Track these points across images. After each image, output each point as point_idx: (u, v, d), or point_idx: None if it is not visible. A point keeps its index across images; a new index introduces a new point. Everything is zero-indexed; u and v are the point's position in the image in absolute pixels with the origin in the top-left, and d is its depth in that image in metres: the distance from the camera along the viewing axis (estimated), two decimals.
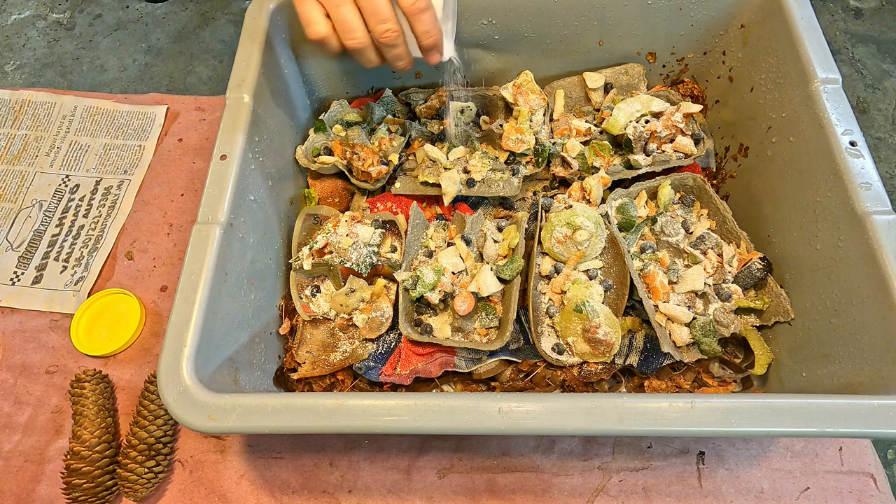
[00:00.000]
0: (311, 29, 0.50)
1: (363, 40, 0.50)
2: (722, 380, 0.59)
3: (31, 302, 0.70)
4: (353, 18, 0.49)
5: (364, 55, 0.52)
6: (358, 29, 0.50)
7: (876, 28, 1.70)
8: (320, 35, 0.50)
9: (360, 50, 0.51)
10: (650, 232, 0.63)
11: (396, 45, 0.51)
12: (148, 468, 0.57)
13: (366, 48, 0.51)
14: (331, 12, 0.50)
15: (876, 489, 0.58)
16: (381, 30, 0.50)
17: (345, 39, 0.50)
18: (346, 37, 0.50)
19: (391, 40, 0.50)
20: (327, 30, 0.50)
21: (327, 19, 0.50)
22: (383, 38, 0.50)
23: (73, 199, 0.77)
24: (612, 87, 0.72)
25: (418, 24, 0.50)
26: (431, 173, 0.67)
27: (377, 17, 0.49)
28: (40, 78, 1.60)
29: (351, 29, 0.50)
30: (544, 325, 0.59)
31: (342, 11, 0.49)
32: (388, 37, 0.50)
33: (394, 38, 0.50)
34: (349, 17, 0.49)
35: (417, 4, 0.49)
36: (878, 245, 0.47)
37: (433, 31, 0.51)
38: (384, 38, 0.50)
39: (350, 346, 0.59)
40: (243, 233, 0.54)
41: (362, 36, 0.50)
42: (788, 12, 0.59)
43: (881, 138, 1.53)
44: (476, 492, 0.59)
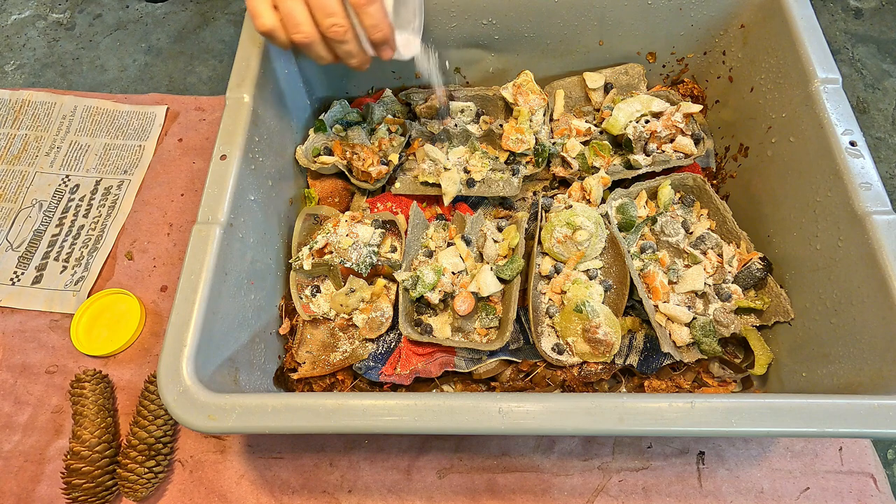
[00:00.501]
0: (258, 22, 0.49)
1: (310, 35, 0.49)
2: (722, 380, 0.59)
3: (31, 302, 0.70)
4: (299, 12, 0.48)
5: (313, 50, 0.50)
6: (304, 23, 0.48)
7: (876, 28, 1.70)
8: (266, 28, 0.49)
9: (307, 45, 0.49)
10: (650, 232, 0.63)
11: (345, 41, 0.49)
12: (148, 468, 0.57)
13: (314, 43, 0.49)
14: (278, 5, 0.48)
15: (876, 489, 0.58)
16: (327, 24, 0.48)
17: (291, 33, 0.49)
18: (292, 31, 0.48)
19: (339, 35, 0.48)
20: (274, 23, 0.49)
21: (275, 12, 0.48)
22: (330, 33, 0.48)
23: (73, 199, 0.77)
24: (612, 87, 0.72)
25: (364, 18, 0.48)
26: (431, 173, 0.67)
27: (323, 11, 0.47)
28: (40, 78, 1.60)
29: (297, 23, 0.48)
30: (544, 325, 0.59)
31: (289, 4, 0.48)
32: (334, 31, 0.48)
33: (342, 33, 0.48)
34: (296, 11, 0.48)
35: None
36: (878, 245, 0.47)
37: (381, 26, 0.49)
38: (331, 32, 0.48)
39: (350, 346, 0.59)
40: (243, 233, 0.54)
41: (309, 30, 0.48)
42: (788, 12, 0.59)
43: (881, 138, 1.53)
44: (476, 492, 0.59)
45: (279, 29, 0.49)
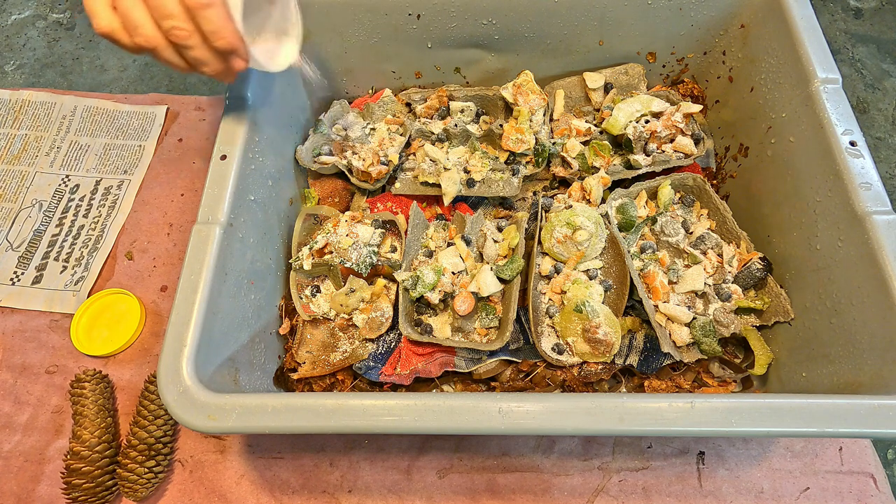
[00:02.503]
0: (94, 22, 0.44)
1: (152, 38, 0.43)
2: (722, 380, 0.59)
3: (31, 302, 0.70)
4: (138, 13, 0.42)
5: (161, 56, 0.45)
6: (144, 25, 0.43)
7: (876, 28, 1.69)
8: (103, 30, 0.43)
9: (152, 50, 0.44)
10: (650, 232, 0.63)
11: (190, 46, 0.44)
12: (148, 468, 0.57)
13: (159, 48, 0.44)
14: (116, 5, 0.43)
15: (876, 489, 0.58)
16: (166, 27, 0.42)
17: (132, 37, 0.43)
18: (132, 34, 0.43)
19: (181, 39, 0.43)
20: (113, 24, 0.43)
21: (115, 12, 0.43)
22: (172, 37, 0.43)
23: (73, 199, 0.77)
24: (612, 87, 0.72)
25: (202, 22, 0.43)
26: (431, 173, 0.67)
27: (160, 11, 0.42)
28: (40, 78, 1.60)
29: (136, 25, 0.43)
30: (544, 325, 0.59)
31: (125, 4, 0.42)
32: (176, 35, 0.43)
33: (184, 37, 0.43)
34: (134, 12, 0.42)
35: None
36: (878, 245, 0.47)
37: (223, 32, 0.43)
38: (172, 36, 0.43)
39: (350, 346, 0.59)
40: (243, 233, 0.54)
41: (150, 33, 0.43)
42: (788, 12, 0.59)
43: (881, 138, 1.53)
44: (476, 492, 0.59)
45: (119, 31, 0.44)
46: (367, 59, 0.72)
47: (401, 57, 0.72)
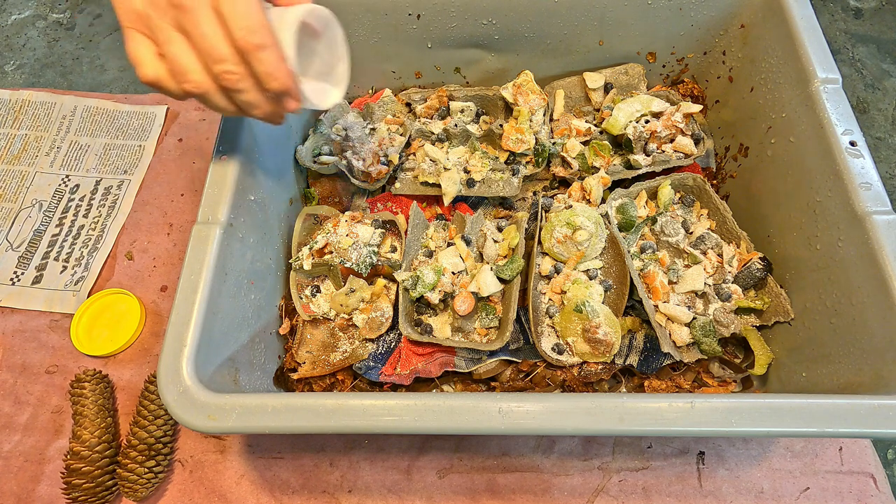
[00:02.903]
0: (140, 71, 0.42)
1: (202, 84, 0.41)
2: (722, 380, 0.59)
3: (31, 302, 0.70)
4: (186, 58, 0.41)
5: (210, 101, 0.43)
6: (194, 70, 0.41)
7: (876, 28, 1.70)
8: (150, 78, 0.42)
9: (201, 95, 0.42)
10: (650, 232, 0.63)
11: (242, 90, 0.42)
12: (148, 468, 0.57)
13: (208, 93, 0.42)
14: (162, 51, 0.41)
15: (876, 489, 0.58)
16: (218, 71, 0.41)
17: (180, 83, 0.42)
18: (180, 80, 0.41)
19: (232, 83, 0.41)
20: (159, 72, 0.42)
21: (160, 59, 0.42)
22: (223, 81, 0.41)
23: (73, 199, 0.77)
24: (612, 87, 0.72)
25: (256, 65, 0.41)
26: (431, 173, 0.67)
27: (212, 56, 0.40)
28: (40, 78, 1.60)
29: (185, 71, 0.41)
30: (544, 325, 0.59)
31: (173, 50, 0.41)
32: (227, 79, 0.41)
33: (235, 80, 0.41)
34: (182, 57, 0.41)
35: (250, 39, 0.40)
36: (878, 245, 0.47)
37: (277, 74, 0.42)
38: (224, 80, 0.41)
39: (350, 346, 0.59)
40: (243, 233, 0.54)
41: (200, 79, 0.41)
42: (788, 12, 0.59)
43: (881, 138, 1.53)
44: (476, 492, 0.59)
45: (167, 79, 0.42)
46: (367, 59, 0.72)
47: (401, 57, 0.72)
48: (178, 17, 0.40)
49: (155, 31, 0.41)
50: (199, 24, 0.40)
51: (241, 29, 0.40)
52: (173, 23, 0.40)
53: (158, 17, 0.40)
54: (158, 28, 0.41)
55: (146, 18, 0.41)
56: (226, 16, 0.40)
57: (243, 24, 0.40)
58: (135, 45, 0.42)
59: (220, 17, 0.40)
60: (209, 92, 0.42)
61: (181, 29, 0.40)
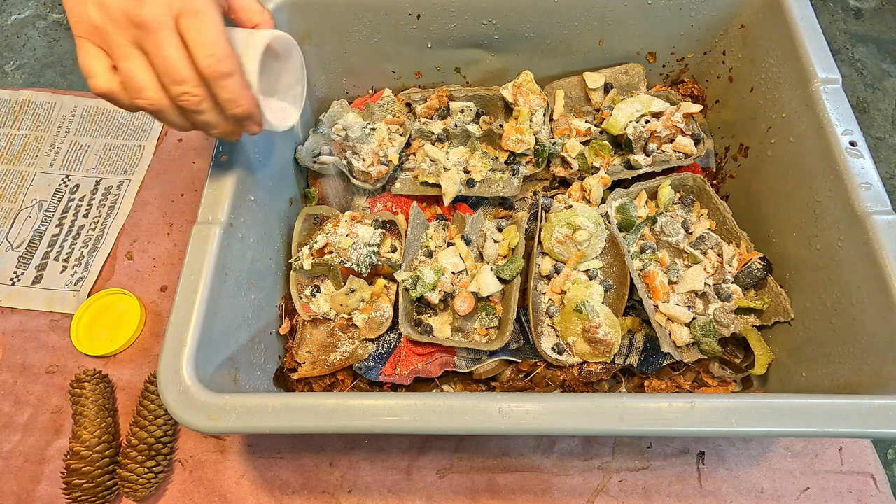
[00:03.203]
0: (92, 83, 0.41)
1: (156, 101, 0.41)
2: (722, 380, 0.59)
3: (31, 302, 0.70)
4: (141, 75, 0.40)
5: (164, 117, 0.43)
6: (149, 88, 0.40)
7: (876, 28, 1.70)
8: (102, 90, 0.41)
9: (155, 112, 0.42)
10: (650, 232, 0.63)
11: (201, 112, 0.42)
12: (148, 468, 0.57)
13: (163, 110, 0.42)
14: (116, 64, 0.41)
15: (876, 489, 0.58)
16: (176, 92, 0.40)
17: (133, 98, 0.41)
18: (133, 95, 0.41)
19: (192, 105, 0.41)
20: (112, 85, 0.41)
21: (112, 73, 0.41)
22: (182, 103, 0.41)
23: (73, 199, 0.77)
24: (612, 87, 0.72)
25: (220, 91, 0.41)
26: (431, 173, 0.67)
27: (171, 77, 0.40)
28: (40, 78, 1.60)
29: (139, 88, 0.40)
30: (544, 325, 0.59)
31: (128, 66, 0.40)
32: (186, 101, 0.41)
33: (195, 103, 0.41)
34: (136, 74, 0.40)
35: (216, 68, 0.40)
36: (878, 245, 0.47)
37: (240, 100, 0.42)
38: (182, 102, 0.41)
39: (350, 346, 0.59)
40: (243, 233, 0.54)
41: (155, 95, 0.41)
42: (788, 12, 0.59)
43: (881, 138, 1.53)
44: (476, 492, 0.59)
45: (119, 92, 0.41)
46: (367, 59, 0.72)
47: (401, 57, 0.72)
48: (138, 35, 0.39)
49: (111, 45, 0.40)
50: (161, 46, 0.39)
51: (207, 57, 0.40)
52: (132, 40, 0.40)
53: (116, 32, 0.40)
54: (115, 43, 0.40)
55: (102, 32, 0.40)
56: (190, 42, 0.40)
57: (209, 52, 0.40)
58: (87, 56, 0.41)
59: (183, 41, 0.40)
60: (164, 109, 0.42)
61: (140, 47, 0.40)
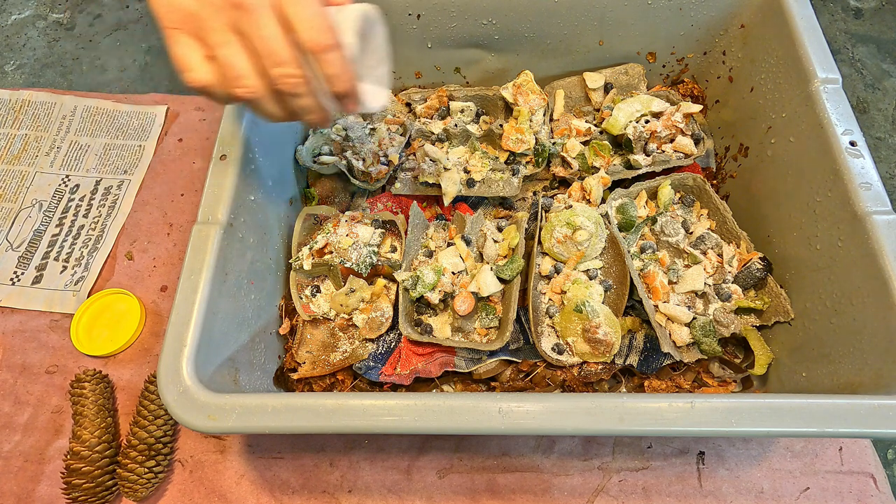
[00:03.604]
0: (189, 76, 0.39)
1: (256, 88, 0.39)
2: (722, 380, 0.59)
3: (31, 302, 0.70)
4: (240, 62, 0.38)
5: (261, 107, 0.41)
6: (248, 75, 0.39)
7: (876, 28, 1.69)
8: (201, 83, 0.39)
9: (253, 101, 0.40)
10: (650, 232, 0.63)
11: (300, 94, 0.40)
12: (148, 468, 0.57)
13: (261, 99, 0.40)
14: (213, 52, 0.39)
15: (876, 489, 0.58)
16: (277, 74, 0.39)
17: (231, 88, 0.39)
18: (232, 84, 0.39)
19: (292, 87, 0.39)
20: (209, 77, 0.39)
21: (209, 63, 0.39)
22: (282, 85, 0.39)
23: (73, 199, 0.77)
24: (612, 87, 0.72)
25: (324, 66, 0.39)
26: (431, 173, 0.67)
27: (272, 59, 0.38)
28: (40, 78, 1.60)
29: (238, 76, 0.39)
30: (544, 325, 0.59)
31: (226, 53, 0.38)
32: (287, 83, 0.39)
33: (294, 84, 0.39)
34: (235, 61, 0.38)
35: (319, 40, 0.38)
36: (878, 245, 0.47)
37: (344, 75, 0.40)
38: (282, 84, 0.39)
39: (350, 346, 0.59)
40: (243, 233, 0.54)
41: (254, 83, 0.39)
42: (788, 12, 0.59)
43: (881, 138, 1.53)
44: (476, 492, 0.59)
45: (216, 84, 0.40)
46: None
47: (401, 57, 0.72)
48: (236, 17, 0.38)
49: (207, 32, 0.39)
50: (260, 25, 0.38)
51: (309, 30, 0.38)
52: (230, 24, 0.38)
53: (213, 17, 0.38)
54: (212, 29, 0.38)
55: (197, 19, 0.38)
56: (291, 17, 0.38)
57: (311, 25, 0.38)
58: (182, 48, 0.39)
59: (282, 19, 0.38)
60: (261, 97, 0.40)
61: (237, 30, 0.38)
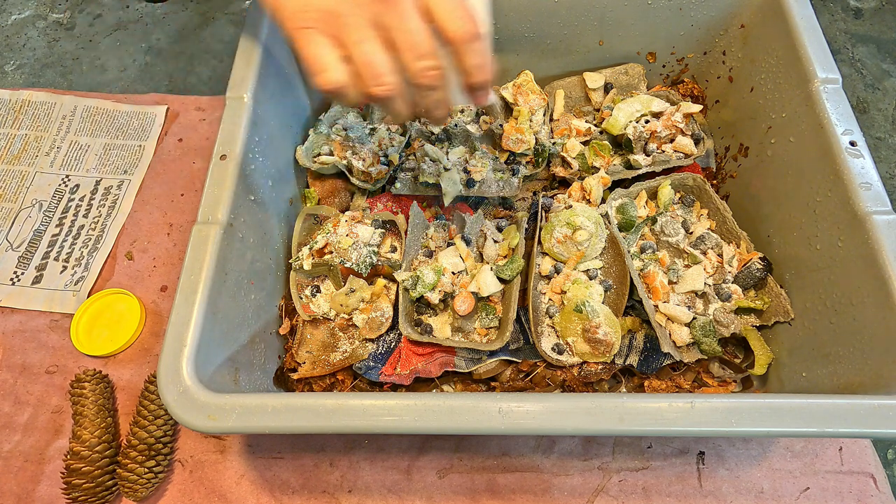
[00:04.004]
0: (322, 78, 0.38)
1: (395, 86, 0.38)
2: (722, 380, 0.59)
3: (31, 302, 0.70)
4: (379, 59, 0.37)
5: (392, 105, 0.40)
6: (388, 72, 0.37)
7: (876, 28, 1.69)
8: (335, 84, 0.38)
9: (387, 99, 0.39)
10: (650, 232, 0.63)
11: (437, 87, 0.39)
12: (148, 468, 0.57)
13: (397, 96, 0.39)
14: (350, 51, 0.38)
15: (876, 489, 0.58)
16: (419, 68, 0.37)
17: (369, 86, 0.38)
18: (372, 82, 0.38)
19: (432, 80, 0.38)
20: (344, 78, 0.38)
21: (345, 63, 0.38)
22: (422, 79, 0.38)
23: (73, 199, 0.77)
24: (612, 87, 0.72)
25: (469, 56, 0.38)
26: (431, 173, 0.67)
27: (415, 52, 0.37)
28: (40, 78, 1.60)
29: (379, 73, 0.37)
30: (544, 325, 0.59)
31: (365, 50, 0.37)
32: (428, 77, 0.38)
33: (436, 77, 0.38)
34: (375, 57, 0.37)
35: (466, 30, 0.37)
36: (878, 245, 0.47)
37: (488, 64, 0.39)
38: (424, 78, 0.38)
39: (350, 346, 0.59)
40: (243, 233, 0.54)
41: (393, 80, 0.38)
42: (788, 12, 0.59)
43: (881, 138, 1.53)
44: (476, 492, 0.59)
45: (350, 84, 0.38)
46: None
47: None
48: (379, 11, 0.37)
49: (346, 29, 0.37)
50: (405, 18, 0.37)
51: (455, 20, 0.37)
52: (371, 19, 0.37)
53: (354, 13, 0.37)
54: (352, 26, 0.37)
55: (336, 16, 0.37)
56: (433, 7, 0.37)
57: (457, 15, 0.37)
58: (318, 48, 0.38)
59: (423, 10, 0.37)
60: (397, 95, 0.39)
61: (378, 25, 0.37)
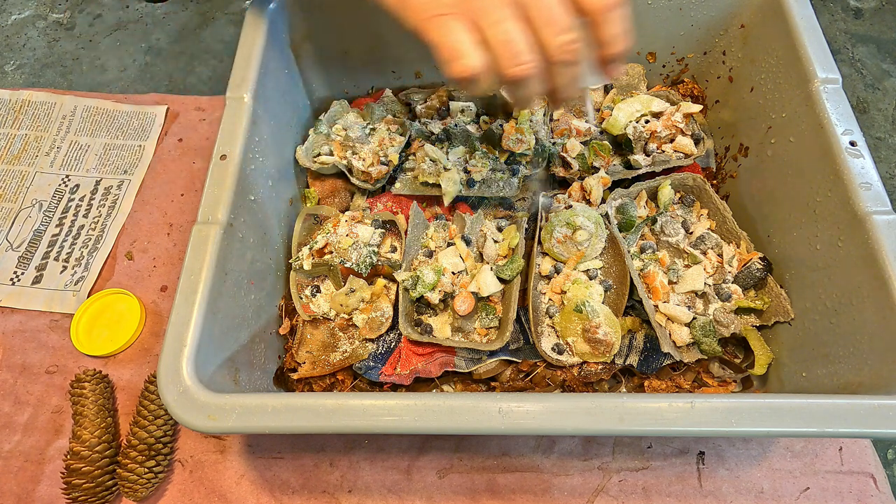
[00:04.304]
0: (462, 64, 0.36)
1: (534, 64, 0.37)
2: (722, 380, 0.59)
3: (31, 302, 0.70)
4: (519, 37, 0.36)
5: (529, 86, 0.38)
6: (527, 50, 0.36)
7: (876, 28, 1.69)
8: (475, 70, 0.36)
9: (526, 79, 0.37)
10: (650, 232, 0.63)
11: (575, 63, 0.37)
12: (148, 468, 0.57)
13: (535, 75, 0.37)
14: (487, 32, 0.36)
15: (876, 489, 0.58)
16: (558, 43, 0.36)
17: (509, 67, 0.36)
18: (511, 62, 0.36)
19: (573, 55, 0.37)
20: (482, 62, 0.36)
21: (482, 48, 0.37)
22: (562, 55, 0.36)
23: (73, 199, 0.77)
24: (611, 86, 0.72)
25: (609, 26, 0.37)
26: (431, 173, 0.67)
27: (555, 27, 0.36)
28: (40, 78, 1.60)
29: (517, 52, 0.36)
30: (544, 325, 0.59)
31: (505, 29, 0.36)
32: (569, 51, 0.36)
33: (575, 52, 0.37)
34: (515, 36, 0.36)
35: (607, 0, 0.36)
36: (878, 245, 0.47)
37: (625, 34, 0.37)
38: (564, 53, 0.36)
39: (350, 346, 0.59)
40: (243, 233, 0.54)
41: (532, 58, 0.36)
42: (788, 12, 0.59)
43: (881, 138, 1.53)
44: (476, 492, 0.59)
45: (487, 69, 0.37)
46: (367, 59, 0.72)
47: (401, 57, 0.72)
48: None
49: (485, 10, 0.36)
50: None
51: None
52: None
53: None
54: (490, 6, 0.36)
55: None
56: None
57: None
58: (456, 33, 0.36)
59: None
60: (535, 74, 0.37)
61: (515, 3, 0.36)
